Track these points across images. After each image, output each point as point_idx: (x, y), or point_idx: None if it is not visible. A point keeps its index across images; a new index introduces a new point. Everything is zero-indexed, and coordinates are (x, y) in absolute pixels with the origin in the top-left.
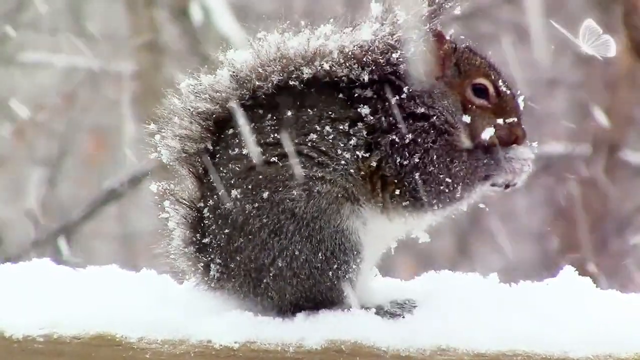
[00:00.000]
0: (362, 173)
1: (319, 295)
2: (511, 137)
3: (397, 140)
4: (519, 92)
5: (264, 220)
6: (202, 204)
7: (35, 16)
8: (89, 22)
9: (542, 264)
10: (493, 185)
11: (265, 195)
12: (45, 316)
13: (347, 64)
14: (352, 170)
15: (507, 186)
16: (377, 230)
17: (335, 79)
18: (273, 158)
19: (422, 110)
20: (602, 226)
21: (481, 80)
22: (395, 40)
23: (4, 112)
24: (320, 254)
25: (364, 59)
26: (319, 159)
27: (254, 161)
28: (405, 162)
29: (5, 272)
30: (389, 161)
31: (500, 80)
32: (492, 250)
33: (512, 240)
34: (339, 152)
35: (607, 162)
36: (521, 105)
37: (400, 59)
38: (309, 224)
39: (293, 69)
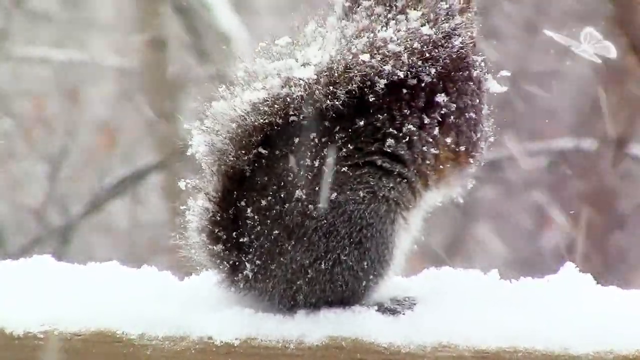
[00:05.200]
0: (438, 164)
1: (341, 299)
2: None
3: (473, 116)
4: None
5: (321, 222)
6: (243, 204)
7: (38, 9)
8: (93, 16)
9: (544, 260)
10: None
11: (333, 196)
12: (45, 313)
13: (412, 61)
14: (427, 168)
15: None
16: (409, 242)
17: (398, 78)
18: (344, 169)
19: (487, 85)
20: (608, 221)
21: None
22: (453, 27)
23: (5, 107)
24: (364, 262)
25: (432, 53)
26: (392, 168)
27: (325, 170)
28: (477, 135)
29: (5, 269)
30: (463, 138)
31: None
32: (493, 246)
33: (514, 236)
34: (422, 148)
35: (614, 157)
36: None
37: (460, 44)
38: (362, 230)
39: (364, 83)
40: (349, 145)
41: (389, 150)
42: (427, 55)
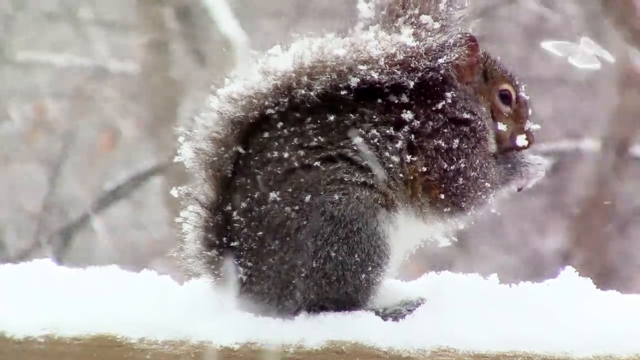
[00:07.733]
0: (405, 178)
1: (345, 296)
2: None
3: (442, 145)
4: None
5: (303, 222)
6: (229, 208)
7: (38, 14)
8: (94, 20)
9: (544, 264)
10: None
11: (307, 198)
12: (46, 317)
13: (392, 70)
14: (395, 175)
15: (519, 189)
16: (405, 236)
17: (377, 85)
18: (316, 162)
19: (465, 115)
20: (608, 225)
21: (506, 87)
22: (441, 45)
23: (5, 111)
24: (356, 256)
25: (411, 65)
26: (363, 163)
27: (296, 164)
28: (450, 167)
29: (6, 273)
30: (434, 166)
31: (519, 86)
32: (494, 249)
33: (514, 240)
34: (386, 155)
35: (616, 159)
36: (530, 109)
37: (445, 64)
38: (347, 226)
39: (339, 78)
40: (320, 137)
41: (356, 148)
42: (406, 65)
